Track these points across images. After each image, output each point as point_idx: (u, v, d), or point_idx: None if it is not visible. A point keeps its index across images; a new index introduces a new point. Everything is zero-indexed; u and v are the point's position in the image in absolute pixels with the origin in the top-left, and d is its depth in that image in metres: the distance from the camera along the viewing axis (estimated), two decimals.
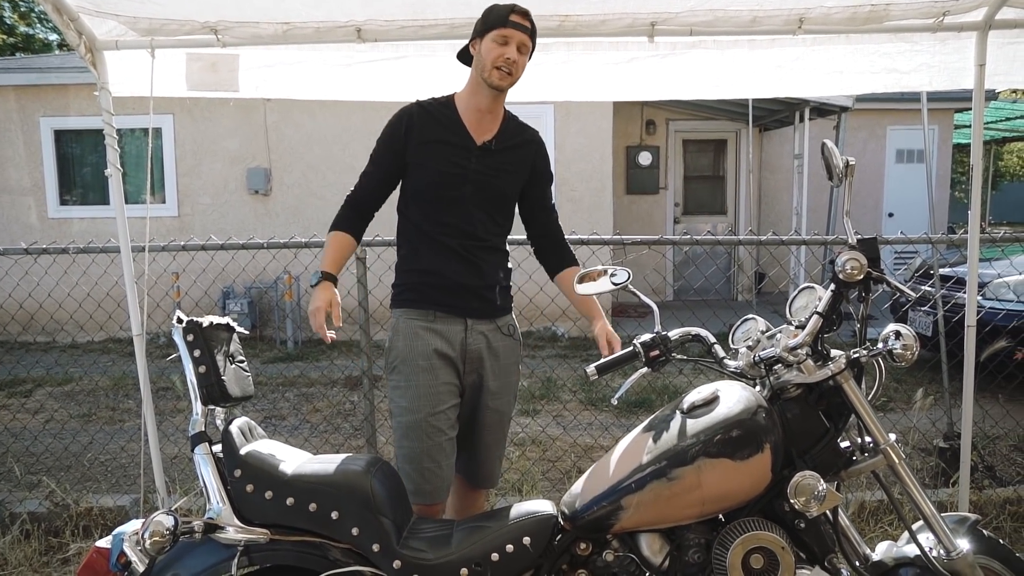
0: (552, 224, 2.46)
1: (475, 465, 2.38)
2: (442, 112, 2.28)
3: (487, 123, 2.29)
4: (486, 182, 2.26)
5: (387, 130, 2.30)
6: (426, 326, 2.24)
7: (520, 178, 2.35)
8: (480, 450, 2.35)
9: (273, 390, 6.23)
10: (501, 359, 2.33)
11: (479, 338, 2.28)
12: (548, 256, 2.47)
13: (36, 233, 8.66)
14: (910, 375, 5.78)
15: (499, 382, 2.32)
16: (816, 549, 1.70)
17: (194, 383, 1.82)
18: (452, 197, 2.24)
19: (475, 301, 2.27)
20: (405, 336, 2.24)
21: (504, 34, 2.16)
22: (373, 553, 1.68)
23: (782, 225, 10.36)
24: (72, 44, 2.74)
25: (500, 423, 2.37)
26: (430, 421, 2.18)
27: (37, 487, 3.83)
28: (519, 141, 2.34)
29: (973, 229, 2.95)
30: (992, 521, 3.30)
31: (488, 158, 2.27)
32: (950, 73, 2.99)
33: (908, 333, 1.71)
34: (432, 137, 2.24)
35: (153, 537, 1.62)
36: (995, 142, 16.67)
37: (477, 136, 2.27)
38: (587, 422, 4.92)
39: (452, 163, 2.23)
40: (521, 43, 2.18)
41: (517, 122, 2.37)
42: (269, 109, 8.55)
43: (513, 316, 2.42)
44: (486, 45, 2.18)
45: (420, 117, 2.26)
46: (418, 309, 2.26)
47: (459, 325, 2.26)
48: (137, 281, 3.00)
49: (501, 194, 2.30)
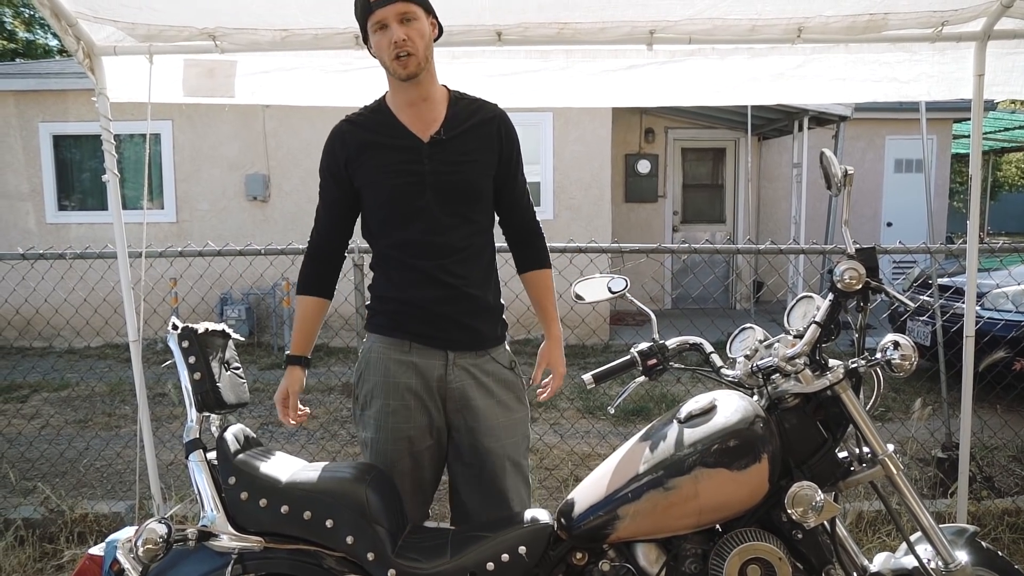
0: (522, 214, 2.16)
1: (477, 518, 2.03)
2: (375, 119, 2.01)
3: (427, 113, 1.99)
4: (448, 180, 1.97)
5: (323, 160, 2.04)
6: (400, 359, 2.00)
7: (488, 162, 2.02)
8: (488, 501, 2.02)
9: (270, 396, 6.21)
10: (497, 396, 2.03)
11: (461, 374, 2.00)
12: (518, 250, 2.18)
13: (34, 238, 8.65)
14: (908, 385, 5.77)
15: (499, 422, 2.02)
16: (814, 560, 1.69)
17: (189, 390, 1.81)
18: (414, 210, 1.96)
19: (457, 331, 2.00)
20: (376, 369, 2.01)
21: (376, 20, 1.88)
22: (368, 562, 1.67)
23: (780, 234, 10.37)
24: (70, 50, 2.74)
25: (514, 471, 2.03)
26: (397, 465, 1.99)
27: (32, 493, 3.81)
28: (476, 122, 2.02)
29: (971, 239, 2.95)
30: (991, 533, 3.28)
31: (442, 152, 1.97)
32: (949, 83, 3.00)
33: (906, 343, 1.71)
34: (372, 150, 1.98)
35: (146, 545, 1.60)
36: (993, 152, 16.73)
37: (421, 132, 1.98)
38: (584, 430, 4.90)
39: (403, 171, 1.96)
40: (400, 14, 1.86)
41: (468, 100, 2.06)
42: (268, 116, 8.56)
43: (507, 346, 2.13)
44: (373, 42, 1.92)
45: (352, 134, 2.00)
46: (392, 338, 2.02)
47: (439, 359, 2.00)
48: (134, 287, 2.99)
49: (470, 188, 2.00)
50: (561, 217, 8.68)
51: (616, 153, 9.60)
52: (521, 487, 2.08)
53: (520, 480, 2.08)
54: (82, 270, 4.76)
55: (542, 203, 8.69)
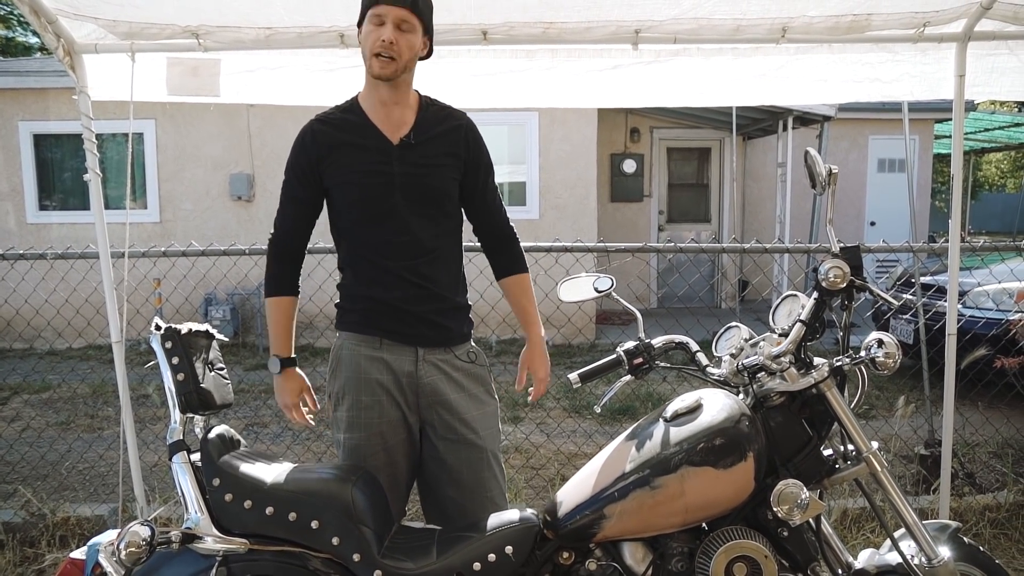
0: (494, 220, 2.17)
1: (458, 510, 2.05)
2: (346, 119, 2.03)
3: (398, 116, 2.01)
4: (416, 183, 1.99)
5: (292, 158, 2.05)
6: (371, 355, 2.02)
7: (453, 169, 2.05)
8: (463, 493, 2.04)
9: (255, 397, 6.17)
10: (467, 389, 2.07)
11: (431, 369, 2.04)
12: (494, 256, 2.21)
13: (14, 238, 8.54)
14: (892, 383, 5.82)
15: (471, 413, 2.06)
16: (799, 557, 1.71)
17: (172, 391, 1.80)
18: (383, 211, 1.99)
19: (427, 329, 2.03)
20: (348, 366, 2.04)
21: (377, 13, 1.88)
22: (354, 563, 1.66)
23: (765, 233, 10.43)
24: (50, 47, 2.71)
25: (482, 459, 2.06)
26: (370, 461, 2.00)
27: (12, 497, 3.76)
28: (444, 129, 2.05)
29: (953, 238, 2.97)
30: (972, 528, 3.32)
31: (411, 155, 2.00)
32: (930, 83, 3.03)
33: (890, 341, 1.72)
34: (342, 150, 1.99)
35: (129, 548, 1.58)
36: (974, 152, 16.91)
37: (391, 134, 2.00)
38: (571, 429, 4.91)
39: (372, 172, 1.98)
40: (399, 20, 1.89)
41: (438, 107, 2.09)
42: (252, 115, 8.50)
43: (472, 343, 2.16)
44: (364, 32, 1.93)
45: (323, 134, 2.01)
46: (363, 335, 2.04)
47: (409, 355, 2.03)
48: (117, 287, 2.97)
49: (436, 192, 2.03)
50: (547, 216, 8.68)
51: (602, 152, 9.62)
52: (499, 477, 2.11)
53: (498, 470, 2.11)
54: (63, 270, 4.70)
55: (528, 202, 8.69)
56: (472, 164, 2.09)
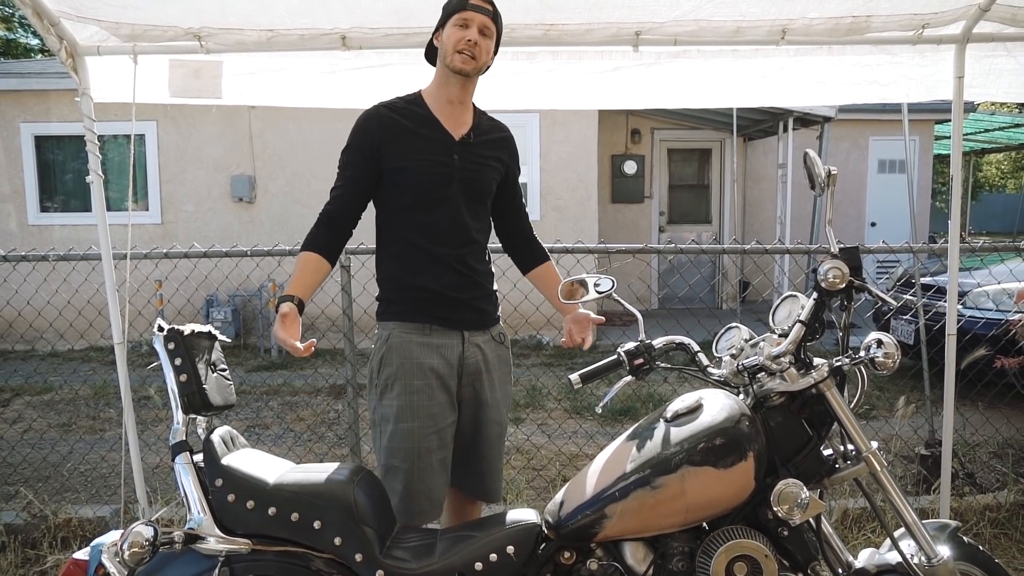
0: (524, 220, 2.42)
1: (479, 479, 2.27)
2: (411, 110, 2.16)
3: (460, 116, 2.18)
4: (471, 178, 2.17)
5: (354, 138, 2.16)
6: (422, 341, 2.13)
7: (498, 173, 2.26)
8: (484, 464, 2.26)
9: (257, 399, 6.18)
10: (497, 370, 2.26)
11: (476, 351, 2.19)
12: (521, 253, 2.42)
13: (16, 240, 8.55)
14: (892, 383, 5.83)
15: (496, 394, 2.25)
16: (799, 557, 1.71)
17: (175, 392, 1.80)
18: (440, 198, 2.13)
19: (470, 313, 2.19)
20: (399, 353, 2.12)
21: (464, 17, 2.07)
22: (356, 563, 1.67)
23: (766, 234, 10.43)
24: (53, 49, 2.71)
25: (500, 436, 2.29)
26: (423, 443, 2.09)
27: (14, 498, 3.77)
28: (495, 136, 2.26)
29: (953, 239, 2.98)
30: (972, 528, 3.32)
31: (469, 152, 2.17)
32: (928, 85, 3.04)
33: (890, 341, 1.73)
34: (407, 137, 2.12)
35: (132, 548, 1.59)
36: (974, 153, 16.92)
37: (453, 130, 2.16)
38: (572, 431, 4.91)
39: (435, 162, 2.12)
40: (483, 25, 2.08)
41: (488, 117, 2.29)
42: (254, 116, 8.52)
43: (501, 323, 2.35)
44: (447, 32, 2.10)
45: (388, 119, 2.13)
46: (413, 322, 2.14)
47: (456, 339, 2.16)
48: (118, 289, 2.97)
49: (485, 189, 2.22)
50: (548, 218, 8.69)
51: (602, 154, 9.63)
52: (502, 454, 2.35)
53: (502, 448, 2.34)
54: (65, 272, 4.70)
55: (529, 204, 8.70)
56: (512, 170, 2.33)
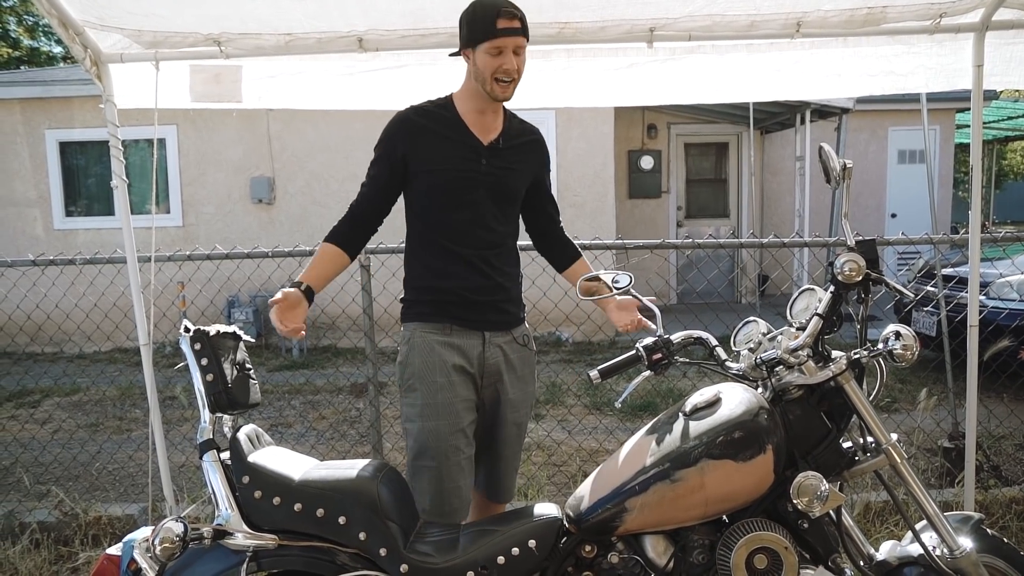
0: (553, 218, 2.46)
1: (495, 480, 2.31)
2: (442, 114, 2.20)
3: (490, 122, 2.21)
4: (499, 182, 2.20)
5: (385, 138, 2.20)
6: (443, 340, 2.17)
7: (528, 176, 2.29)
8: (500, 464, 2.30)
9: (279, 398, 6.25)
10: (518, 371, 2.27)
11: (496, 352, 2.22)
12: (554, 252, 2.47)
13: (42, 245, 8.70)
14: (914, 375, 5.78)
15: (517, 395, 2.27)
16: (820, 549, 1.72)
17: (202, 391, 1.84)
18: (467, 201, 2.17)
19: (492, 314, 2.22)
20: (421, 352, 2.16)
21: (497, 45, 2.06)
22: (380, 557, 1.70)
23: (784, 227, 10.36)
24: (77, 58, 2.77)
25: (519, 436, 2.32)
26: (449, 441, 2.11)
27: (46, 497, 3.85)
28: (525, 140, 2.29)
29: (974, 229, 2.96)
30: (998, 521, 3.30)
31: (497, 158, 2.20)
32: (947, 75, 3.01)
33: (908, 333, 1.73)
34: (436, 141, 2.16)
35: (163, 544, 1.63)
36: (997, 141, 16.66)
37: (482, 136, 2.20)
38: (592, 426, 4.93)
39: (462, 166, 2.16)
40: (516, 47, 2.10)
41: (518, 120, 2.32)
42: (272, 119, 8.59)
43: (527, 325, 2.37)
44: (480, 59, 2.09)
45: (418, 123, 2.18)
46: (433, 323, 2.18)
47: (476, 339, 2.19)
48: (143, 291, 3.02)
49: (513, 193, 2.26)
50: (565, 214, 8.49)
51: (619, 149, 9.61)
52: (519, 454, 2.38)
53: (520, 448, 2.36)
54: (92, 275, 4.79)
55: None
56: (542, 174, 2.36)
